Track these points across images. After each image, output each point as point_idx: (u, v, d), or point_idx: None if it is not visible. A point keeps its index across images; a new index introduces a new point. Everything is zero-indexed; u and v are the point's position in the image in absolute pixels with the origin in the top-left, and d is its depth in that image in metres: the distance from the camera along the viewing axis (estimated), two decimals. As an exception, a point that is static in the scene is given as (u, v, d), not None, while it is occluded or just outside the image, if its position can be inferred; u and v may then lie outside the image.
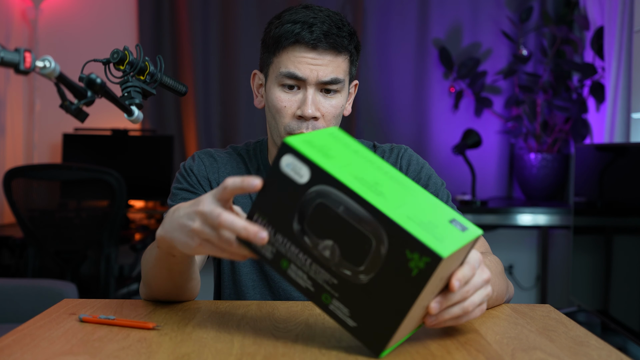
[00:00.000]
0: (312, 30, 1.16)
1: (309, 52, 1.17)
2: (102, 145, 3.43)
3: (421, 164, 1.30)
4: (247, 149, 1.33)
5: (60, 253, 2.76)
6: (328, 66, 1.18)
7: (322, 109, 1.19)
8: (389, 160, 1.30)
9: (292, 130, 1.19)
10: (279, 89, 1.20)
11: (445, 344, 0.85)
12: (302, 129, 1.19)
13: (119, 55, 1.03)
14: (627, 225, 2.43)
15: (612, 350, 0.85)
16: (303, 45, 1.17)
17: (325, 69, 1.18)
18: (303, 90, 1.19)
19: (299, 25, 1.17)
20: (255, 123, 3.63)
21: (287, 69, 1.18)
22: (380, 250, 0.77)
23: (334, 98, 1.21)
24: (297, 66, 1.17)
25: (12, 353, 0.81)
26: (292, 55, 1.18)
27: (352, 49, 1.22)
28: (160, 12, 3.62)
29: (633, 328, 2.28)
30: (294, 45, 1.17)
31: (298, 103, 1.19)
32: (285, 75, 1.18)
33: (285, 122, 1.20)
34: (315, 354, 0.81)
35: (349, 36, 1.21)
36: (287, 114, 1.20)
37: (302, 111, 1.18)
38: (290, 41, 1.17)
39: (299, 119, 1.19)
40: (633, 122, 2.83)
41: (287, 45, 1.18)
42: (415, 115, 3.65)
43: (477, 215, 3.19)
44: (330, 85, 1.19)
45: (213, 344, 0.85)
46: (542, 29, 3.56)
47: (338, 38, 1.18)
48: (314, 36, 1.16)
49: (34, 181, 2.72)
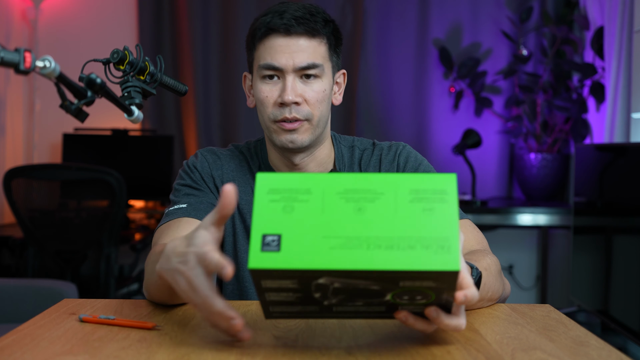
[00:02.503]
0: (283, 17, 1.18)
1: (282, 39, 1.18)
2: (102, 145, 3.43)
3: (419, 160, 1.31)
4: (248, 148, 1.34)
5: (60, 253, 2.76)
6: (304, 51, 1.19)
7: (304, 94, 1.20)
8: (387, 157, 1.30)
9: (276, 117, 1.20)
10: (260, 82, 1.21)
11: (445, 344, 0.85)
12: (285, 114, 1.19)
13: (119, 55, 1.03)
14: (627, 225, 2.43)
15: (612, 350, 0.85)
16: (275, 33, 1.18)
17: (300, 54, 1.18)
18: (282, 79, 1.20)
19: (269, 15, 1.19)
20: (255, 123, 3.63)
21: (265, 60, 1.19)
22: None
23: (315, 83, 1.21)
24: (272, 56, 1.19)
25: (12, 353, 0.80)
26: (267, 45, 1.19)
27: (327, 33, 1.22)
28: (160, 12, 3.62)
29: (633, 328, 2.28)
30: (268, 34, 1.19)
31: (279, 92, 1.20)
32: (263, 67, 1.20)
33: (269, 111, 1.21)
34: (315, 354, 0.81)
35: (323, 21, 1.21)
36: (270, 103, 1.21)
37: (282, 98, 1.18)
38: (263, 31, 1.19)
39: (281, 106, 1.20)
40: (633, 122, 2.83)
41: (261, 36, 1.20)
42: (415, 115, 3.65)
43: (477, 215, 3.19)
44: (308, 71, 1.19)
45: (213, 344, 0.85)
46: (542, 29, 3.56)
47: (311, 22, 1.19)
48: (284, 21, 1.17)
49: (34, 181, 2.72)
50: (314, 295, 0.78)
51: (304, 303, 0.80)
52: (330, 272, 0.73)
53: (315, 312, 0.82)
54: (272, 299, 0.79)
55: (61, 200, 2.76)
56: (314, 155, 1.27)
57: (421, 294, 0.77)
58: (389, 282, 0.74)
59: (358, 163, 1.32)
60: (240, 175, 1.29)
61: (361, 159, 1.32)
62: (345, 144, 1.34)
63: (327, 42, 1.22)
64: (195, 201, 1.23)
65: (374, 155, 1.32)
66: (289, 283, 0.75)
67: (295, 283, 0.75)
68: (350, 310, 0.81)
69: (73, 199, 2.77)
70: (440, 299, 0.78)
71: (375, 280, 0.74)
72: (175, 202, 1.25)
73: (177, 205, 1.23)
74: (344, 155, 1.32)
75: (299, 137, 1.21)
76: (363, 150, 1.33)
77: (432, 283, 0.74)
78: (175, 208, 1.22)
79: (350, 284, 0.75)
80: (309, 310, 0.81)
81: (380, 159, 1.31)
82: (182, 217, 1.20)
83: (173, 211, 1.22)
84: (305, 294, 0.78)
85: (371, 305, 0.80)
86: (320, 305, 0.80)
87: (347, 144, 1.34)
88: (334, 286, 0.76)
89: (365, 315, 0.84)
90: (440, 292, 0.76)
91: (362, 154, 1.33)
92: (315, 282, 0.75)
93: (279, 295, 0.78)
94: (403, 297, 0.78)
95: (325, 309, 0.81)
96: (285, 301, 0.80)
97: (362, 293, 0.77)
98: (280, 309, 0.82)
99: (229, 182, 1.28)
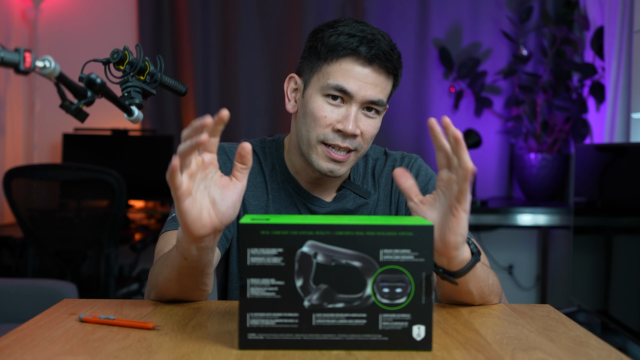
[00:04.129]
0: (371, 47, 1.15)
1: (364, 68, 1.15)
2: (102, 145, 3.43)
3: (430, 175, 1.30)
4: (262, 146, 1.31)
5: (60, 253, 2.76)
6: (378, 87, 1.16)
7: (361, 126, 1.18)
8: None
9: (327, 140, 1.17)
10: (322, 99, 1.18)
11: (446, 344, 0.85)
12: (338, 142, 1.17)
13: (119, 55, 1.03)
14: (627, 225, 2.43)
15: (612, 350, 0.85)
16: (360, 60, 1.15)
17: (374, 88, 1.16)
18: (347, 105, 1.17)
19: (357, 39, 1.15)
20: (256, 123, 3.63)
21: (337, 81, 1.16)
22: None
23: (375, 118, 1.19)
24: (347, 80, 1.15)
25: (12, 353, 0.80)
26: (346, 67, 1.16)
27: (398, 73, 1.21)
28: (160, 12, 3.62)
29: (633, 328, 2.28)
30: (350, 57, 1.15)
31: (338, 116, 1.17)
32: (333, 87, 1.16)
33: (320, 131, 1.17)
34: (315, 354, 0.81)
35: (398, 60, 1.20)
36: (325, 124, 1.17)
37: (344, 126, 1.16)
38: (347, 52, 1.15)
39: (337, 132, 1.17)
40: (633, 122, 2.83)
41: (343, 55, 1.16)
42: (415, 115, 3.65)
43: (477, 215, 3.19)
44: (374, 106, 1.18)
45: (213, 344, 0.85)
46: (542, 29, 3.56)
47: (393, 61, 1.17)
48: (372, 52, 1.15)
49: (34, 181, 2.72)
50: (295, 282, 0.80)
51: (285, 304, 0.81)
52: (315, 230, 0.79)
53: (294, 327, 0.81)
54: (252, 294, 0.81)
55: (61, 200, 2.76)
56: None
57: (401, 282, 0.80)
58: (370, 250, 0.80)
59: (372, 173, 1.32)
60: (250, 179, 1.27)
61: (374, 169, 1.32)
62: None
63: (394, 81, 1.21)
64: None
65: (386, 166, 1.32)
66: (274, 253, 0.80)
67: (280, 255, 0.80)
68: (330, 323, 0.81)
69: (73, 199, 2.77)
70: (420, 288, 0.81)
71: (358, 248, 0.80)
72: None
73: None
74: (359, 164, 1.32)
75: (342, 169, 1.20)
76: (376, 160, 1.33)
77: (410, 249, 0.80)
78: None
79: (333, 257, 0.80)
80: (288, 323, 0.81)
81: None
82: None
83: (175, 218, 1.21)
84: (287, 283, 0.80)
85: (352, 312, 0.81)
86: (300, 309, 0.81)
87: None
88: (317, 260, 0.80)
89: (345, 334, 0.82)
90: (418, 270, 0.80)
91: (375, 163, 1.33)
92: (299, 250, 0.80)
93: (260, 289, 0.80)
94: (383, 291, 0.80)
95: (306, 315, 0.81)
96: (266, 299, 0.81)
97: (343, 277, 0.80)
98: (258, 322, 0.81)
99: None
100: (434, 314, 1.01)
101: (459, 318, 0.99)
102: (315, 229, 0.80)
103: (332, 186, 1.29)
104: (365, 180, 1.31)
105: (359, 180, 1.31)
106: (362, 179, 1.31)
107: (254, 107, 3.63)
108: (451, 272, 0.97)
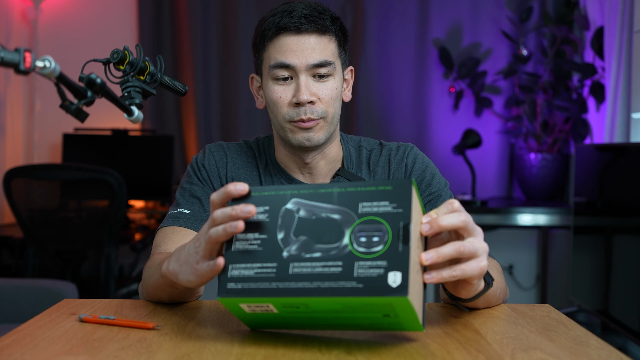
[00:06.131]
0: (292, 16, 1.18)
1: (293, 37, 1.19)
2: (102, 145, 3.43)
3: (426, 163, 1.31)
4: (257, 144, 1.35)
5: (60, 253, 2.76)
6: (315, 49, 1.19)
7: (318, 93, 1.20)
8: (396, 157, 1.31)
9: (292, 118, 1.21)
10: (272, 82, 1.22)
11: (445, 344, 0.85)
12: (301, 115, 1.20)
13: (119, 55, 1.03)
14: (627, 225, 2.43)
15: (612, 350, 0.85)
16: (286, 32, 1.19)
17: (312, 52, 1.19)
18: (296, 79, 1.20)
19: (278, 15, 1.20)
20: (256, 123, 3.63)
21: (276, 60, 1.20)
22: None
23: (328, 81, 1.22)
24: (284, 54, 1.19)
25: (12, 353, 0.80)
26: (278, 45, 1.20)
27: (336, 30, 1.23)
28: (160, 12, 3.62)
29: (633, 328, 2.28)
30: (278, 34, 1.19)
31: (293, 92, 1.20)
32: (275, 67, 1.20)
33: (284, 111, 1.21)
34: (315, 354, 0.81)
35: (331, 19, 1.22)
36: (284, 103, 1.21)
37: (297, 98, 1.19)
38: (273, 31, 1.20)
39: (296, 106, 1.20)
40: (633, 122, 2.83)
41: (272, 36, 1.20)
42: (415, 115, 3.65)
43: (477, 215, 3.19)
44: (321, 69, 1.20)
45: (213, 344, 0.85)
46: (542, 29, 3.56)
47: (320, 20, 1.20)
48: (295, 20, 1.18)
49: (34, 181, 2.72)
50: (277, 235, 0.83)
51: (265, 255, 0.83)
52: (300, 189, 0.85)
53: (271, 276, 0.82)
54: (237, 247, 0.84)
55: (61, 200, 2.76)
56: (324, 153, 1.28)
57: (378, 231, 0.80)
58: (350, 204, 0.82)
59: (366, 162, 1.32)
60: (247, 172, 1.31)
61: (369, 159, 1.33)
62: (352, 143, 1.35)
63: (336, 39, 1.23)
64: (199, 210, 1.25)
65: (382, 155, 1.32)
66: (260, 211, 0.85)
67: (265, 212, 0.85)
68: (306, 272, 0.81)
69: (73, 199, 2.77)
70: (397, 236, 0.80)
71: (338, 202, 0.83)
72: (180, 204, 1.26)
73: (181, 209, 1.25)
74: (352, 154, 1.33)
75: (316, 135, 1.22)
76: (371, 150, 1.34)
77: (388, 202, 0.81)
78: (179, 212, 1.24)
79: (314, 212, 0.83)
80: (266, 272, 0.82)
81: (389, 159, 1.31)
82: (183, 227, 1.22)
83: (176, 215, 1.24)
84: (270, 237, 0.83)
85: (328, 260, 0.81)
86: (279, 259, 0.82)
87: (354, 143, 1.35)
88: (299, 215, 0.84)
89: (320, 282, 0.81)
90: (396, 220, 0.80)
91: (370, 153, 1.33)
92: (284, 207, 0.84)
93: (244, 242, 0.84)
94: (360, 240, 0.80)
95: (284, 264, 0.82)
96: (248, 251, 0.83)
97: (322, 228, 0.82)
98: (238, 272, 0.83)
99: (236, 179, 1.29)
100: (434, 314, 1.01)
101: (459, 318, 0.99)
102: (300, 188, 0.85)
103: (323, 174, 1.30)
104: (359, 170, 1.32)
105: (352, 168, 1.32)
106: (356, 168, 1.32)
107: (254, 107, 3.63)
108: (461, 298, 0.97)
